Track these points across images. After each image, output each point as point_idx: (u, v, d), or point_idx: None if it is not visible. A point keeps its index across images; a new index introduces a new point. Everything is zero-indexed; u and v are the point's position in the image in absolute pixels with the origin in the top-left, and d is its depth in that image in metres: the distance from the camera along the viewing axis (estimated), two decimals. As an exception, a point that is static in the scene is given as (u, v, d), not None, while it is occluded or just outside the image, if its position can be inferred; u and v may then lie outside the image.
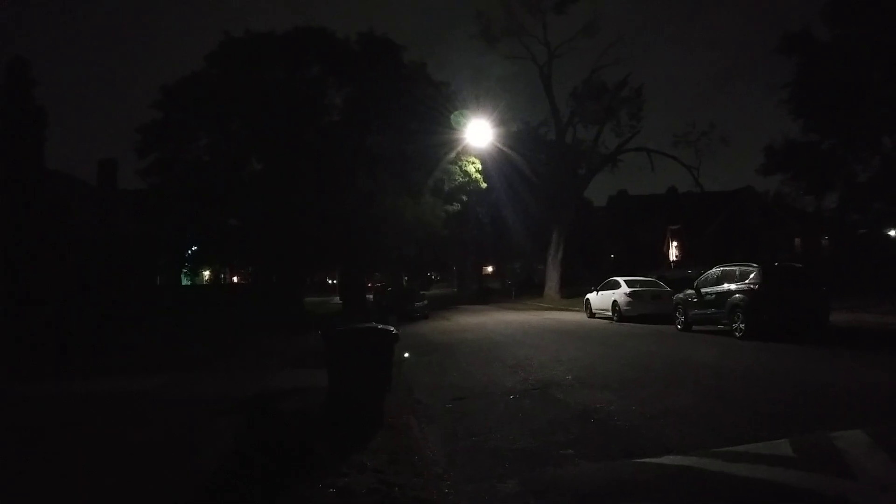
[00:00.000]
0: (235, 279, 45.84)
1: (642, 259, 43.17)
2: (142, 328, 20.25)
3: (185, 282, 36.31)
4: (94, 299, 20.47)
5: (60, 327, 18.06)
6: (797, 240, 42.19)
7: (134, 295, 23.00)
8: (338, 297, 41.64)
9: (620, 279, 22.42)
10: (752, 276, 14.56)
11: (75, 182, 28.55)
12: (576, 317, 24.43)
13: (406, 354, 13.72)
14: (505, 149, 34.95)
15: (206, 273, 43.26)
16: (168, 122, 28.52)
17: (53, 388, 10.29)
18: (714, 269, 16.46)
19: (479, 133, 30.77)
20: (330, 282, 55.49)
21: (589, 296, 24.42)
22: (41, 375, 11.89)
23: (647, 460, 5.48)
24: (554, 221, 38.31)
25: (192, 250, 32.64)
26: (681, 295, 17.55)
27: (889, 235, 36.85)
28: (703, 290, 16.25)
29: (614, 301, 21.63)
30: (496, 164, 35.90)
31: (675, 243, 48.31)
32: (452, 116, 30.18)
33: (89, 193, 29.78)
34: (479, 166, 32.90)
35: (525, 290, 45.82)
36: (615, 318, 21.35)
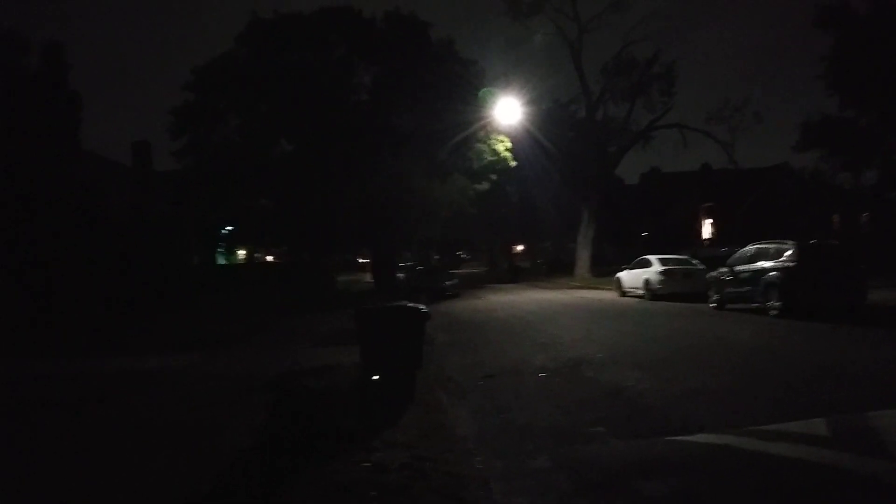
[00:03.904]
0: (270, 258, 46.39)
1: (675, 237, 42.51)
2: (177, 307, 20.66)
3: (220, 261, 36.87)
4: (129, 280, 20.90)
5: (96, 308, 18.50)
6: (835, 217, 41.18)
7: (168, 275, 23.43)
8: (369, 276, 41.94)
9: (652, 257, 22.18)
10: (787, 253, 14.27)
11: (111, 164, 28.98)
12: (607, 295, 24.28)
13: (437, 334, 13.79)
14: (534, 127, 34.58)
15: (242, 252, 43.90)
16: (199, 103, 28.85)
17: (89, 367, 10.56)
18: (748, 247, 16.18)
19: (507, 111, 30.44)
20: (360, 261, 55.89)
21: (620, 274, 24.21)
22: (77, 354, 12.20)
23: (679, 438, 5.45)
24: (584, 200, 37.96)
25: (226, 230, 33.13)
26: (714, 273, 17.31)
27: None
28: (736, 268, 16.00)
29: (646, 279, 21.42)
30: (525, 142, 35.54)
31: (708, 221, 47.52)
32: (480, 94, 29.91)
33: (125, 175, 30.29)
34: (509, 144, 32.65)
35: (555, 268, 45.59)
36: (647, 296, 21.16)
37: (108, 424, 6.81)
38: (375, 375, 7.48)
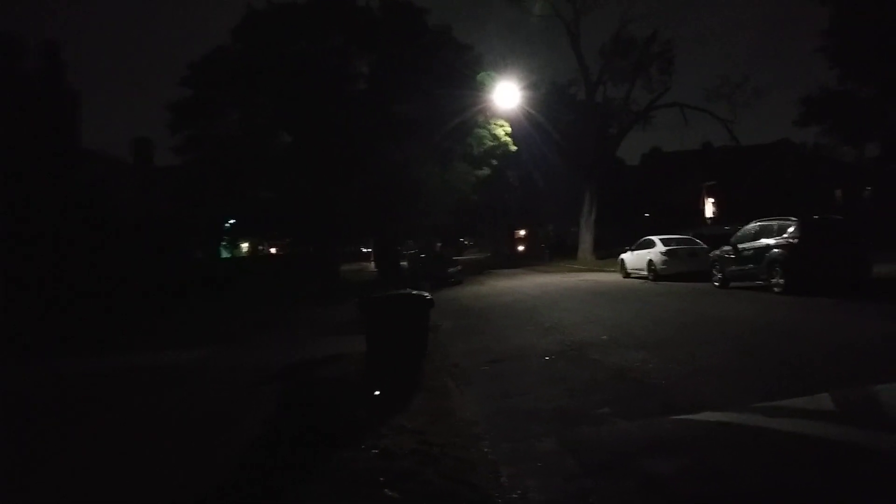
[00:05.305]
0: (273, 250, 46.45)
1: (678, 217, 42.40)
2: (183, 303, 20.75)
3: (224, 254, 36.95)
4: (135, 277, 20.99)
5: (103, 306, 18.57)
6: (837, 191, 41.03)
7: (174, 271, 23.51)
8: (373, 265, 42.04)
9: (655, 238, 22.16)
10: (790, 230, 14.25)
11: (112, 161, 29.04)
12: (611, 277, 24.29)
13: (442, 320, 13.84)
14: (533, 111, 34.44)
15: (245, 245, 44.00)
16: (198, 98, 28.81)
17: (100, 364, 10.61)
18: (751, 225, 16.15)
19: (506, 95, 30.32)
20: (364, 250, 56.02)
21: (623, 256, 24.21)
22: (86, 353, 12.26)
23: (684, 417, 5.49)
24: (586, 182, 37.90)
25: (229, 223, 33.19)
26: (717, 252, 17.30)
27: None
28: (740, 245, 15.98)
29: (650, 260, 21.42)
30: (525, 127, 35.44)
31: (711, 200, 47.42)
32: (479, 78, 29.80)
33: (127, 172, 30.33)
34: (508, 129, 32.56)
35: (558, 252, 45.54)
36: (651, 277, 21.18)
37: (124, 421, 6.88)
38: (379, 372, 7.49)
